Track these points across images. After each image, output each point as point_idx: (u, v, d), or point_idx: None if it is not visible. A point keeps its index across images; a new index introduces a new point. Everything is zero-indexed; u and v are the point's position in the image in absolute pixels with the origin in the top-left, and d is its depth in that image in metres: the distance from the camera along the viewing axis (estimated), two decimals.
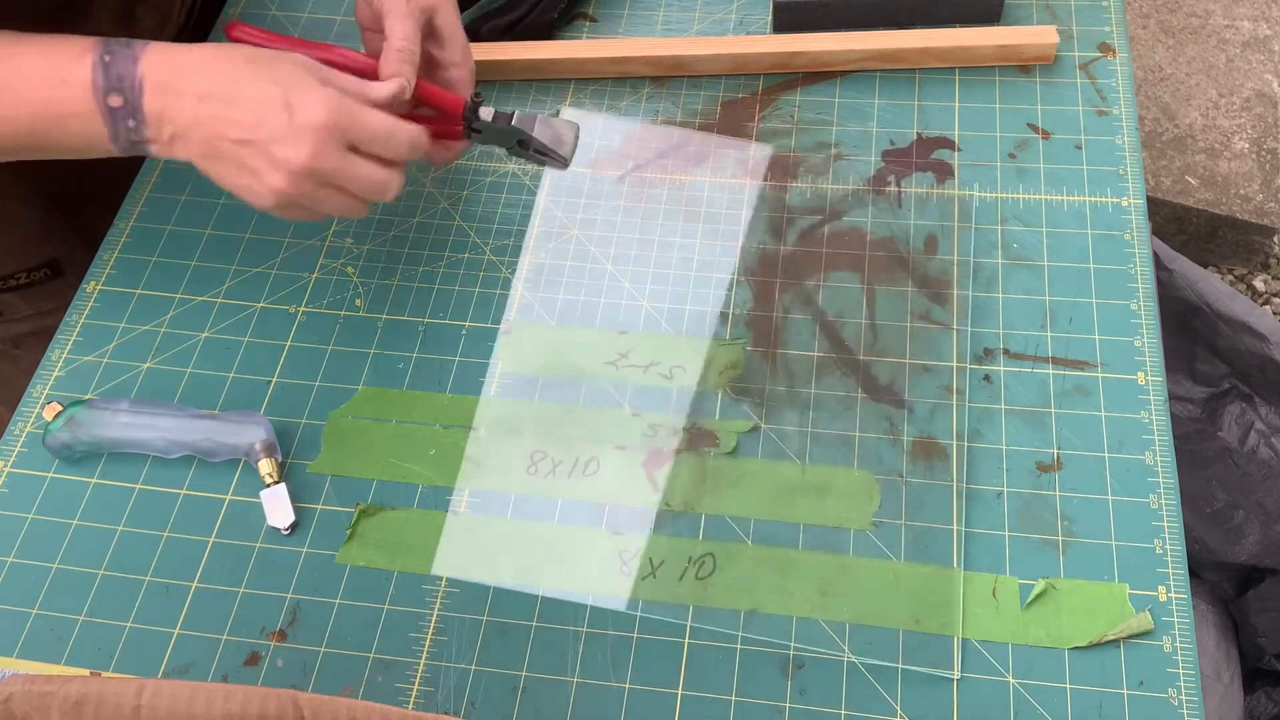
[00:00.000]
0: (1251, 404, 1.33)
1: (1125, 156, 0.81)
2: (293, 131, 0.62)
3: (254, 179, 0.63)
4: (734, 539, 0.68)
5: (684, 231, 0.81)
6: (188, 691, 0.52)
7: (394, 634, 0.66)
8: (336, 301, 0.80)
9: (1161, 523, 0.66)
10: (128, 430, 0.72)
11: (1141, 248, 0.77)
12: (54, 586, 0.69)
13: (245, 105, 0.62)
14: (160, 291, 0.81)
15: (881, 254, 0.78)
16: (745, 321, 0.76)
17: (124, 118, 0.62)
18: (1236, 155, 1.69)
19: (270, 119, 0.62)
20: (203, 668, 0.66)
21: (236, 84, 0.62)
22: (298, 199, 0.64)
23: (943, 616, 0.64)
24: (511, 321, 0.78)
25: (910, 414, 0.71)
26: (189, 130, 0.63)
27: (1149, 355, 0.72)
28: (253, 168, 0.63)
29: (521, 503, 0.70)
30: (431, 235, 0.82)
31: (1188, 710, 0.60)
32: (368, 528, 0.70)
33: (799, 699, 0.62)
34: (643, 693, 0.63)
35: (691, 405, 0.73)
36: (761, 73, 0.88)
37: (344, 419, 0.74)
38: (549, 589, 0.67)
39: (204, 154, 0.64)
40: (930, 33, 0.87)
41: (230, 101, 0.62)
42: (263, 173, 0.63)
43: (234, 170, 0.64)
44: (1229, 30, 1.80)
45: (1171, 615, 0.63)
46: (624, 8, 0.94)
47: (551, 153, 0.74)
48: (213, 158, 0.64)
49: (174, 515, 0.71)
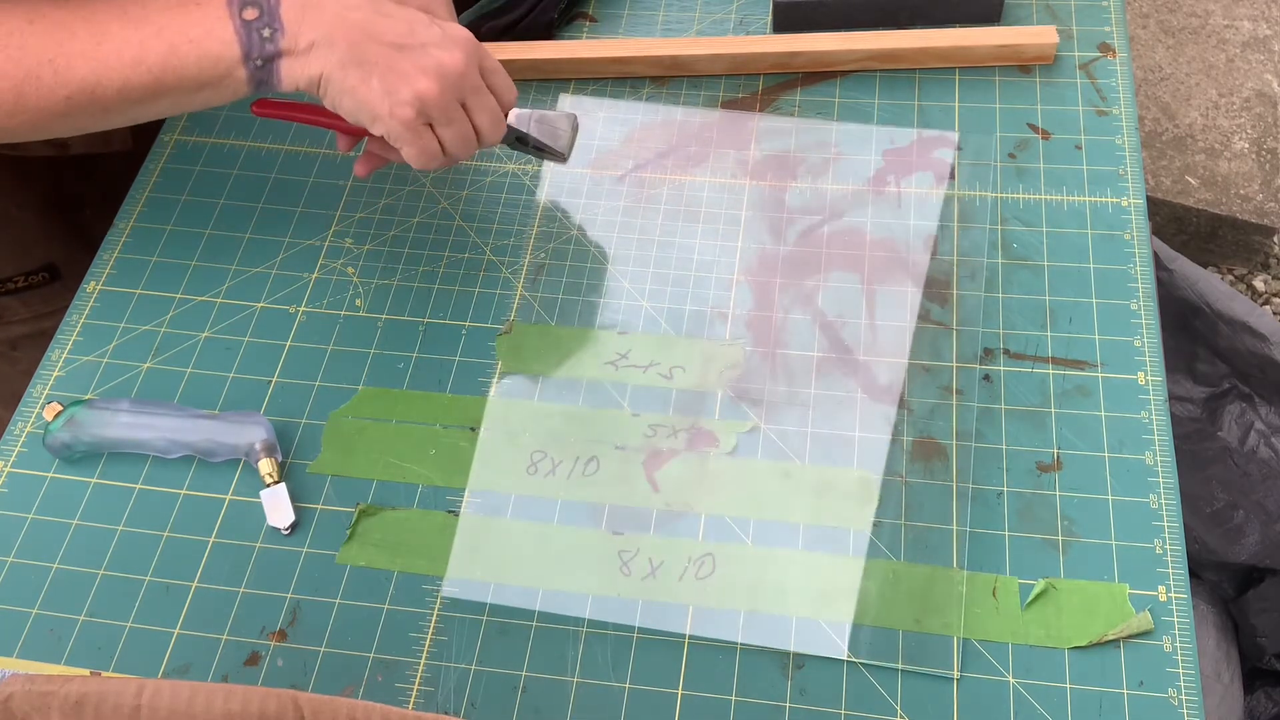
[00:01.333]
0: (1251, 404, 1.33)
1: (1125, 156, 0.81)
2: (447, 39, 0.66)
3: (401, 83, 0.65)
4: (734, 539, 0.68)
5: (684, 231, 0.81)
6: (188, 691, 0.52)
7: (394, 634, 0.66)
8: (336, 301, 0.80)
9: (1161, 523, 0.66)
10: (128, 430, 0.72)
11: (1141, 248, 0.77)
12: (54, 586, 0.69)
13: (397, 17, 0.65)
14: (160, 291, 0.81)
15: (881, 254, 0.78)
16: (745, 321, 0.76)
17: (259, 28, 0.64)
18: (1236, 155, 1.69)
19: (423, 29, 0.66)
20: (203, 668, 0.66)
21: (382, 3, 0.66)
22: (436, 110, 0.66)
23: (943, 616, 0.64)
24: (511, 321, 0.78)
25: (910, 414, 0.71)
26: (333, 35, 0.64)
27: (1149, 355, 0.72)
28: (402, 70, 0.64)
29: (521, 503, 0.70)
30: (431, 235, 0.82)
31: (1188, 710, 0.60)
32: (368, 528, 0.70)
33: (799, 699, 0.62)
34: (643, 693, 0.63)
35: (691, 405, 0.73)
36: (761, 73, 0.88)
37: (344, 419, 0.74)
38: (549, 589, 0.67)
39: (349, 59, 0.64)
40: (930, 33, 0.87)
41: (380, 14, 0.65)
42: (412, 76, 0.65)
43: (380, 74, 0.64)
44: (1229, 30, 1.80)
45: (1171, 615, 0.63)
46: (624, 8, 0.94)
47: (549, 148, 0.74)
48: (358, 63, 0.64)
49: (174, 515, 0.71)
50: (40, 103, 0.65)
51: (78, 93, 0.65)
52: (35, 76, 0.64)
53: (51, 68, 0.64)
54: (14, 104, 0.64)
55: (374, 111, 0.65)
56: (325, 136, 0.88)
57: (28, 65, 0.64)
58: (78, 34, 0.64)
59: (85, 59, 0.64)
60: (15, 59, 0.64)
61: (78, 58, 0.64)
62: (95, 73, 0.64)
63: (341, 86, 0.65)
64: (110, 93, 0.65)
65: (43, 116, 0.65)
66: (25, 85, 0.64)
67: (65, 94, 0.65)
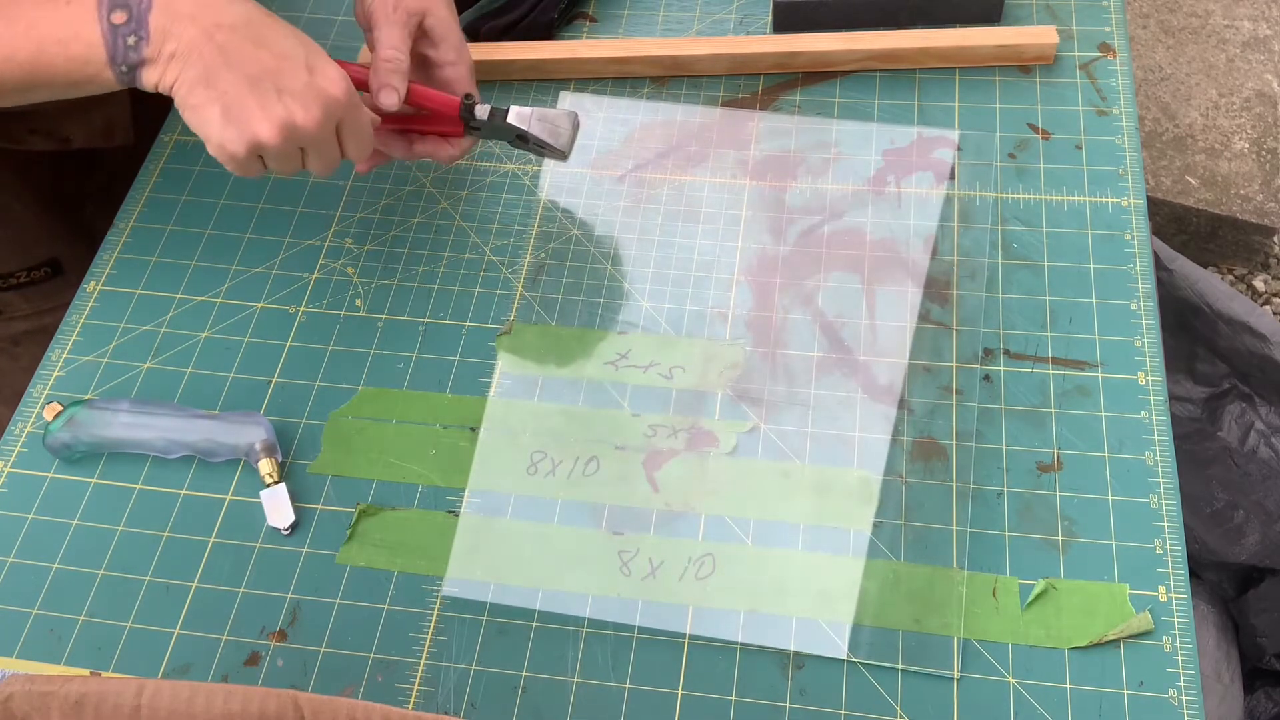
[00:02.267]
0: (1251, 404, 1.33)
1: (1125, 156, 0.81)
2: (309, 92, 0.63)
3: (243, 120, 0.62)
4: (734, 539, 0.68)
5: (684, 231, 0.81)
6: (188, 691, 0.52)
7: (394, 634, 0.66)
8: (336, 301, 0.80)
9: (1161, 523, 0.66)
10: (128, 430, 0.72)
11: (1141, 248, 0.77)
12: (54, 586, 0.69)
13: (269, 49, 0.62)
14: (160, 291, 0.81)
15: (881, 254, 0.78)
16: (745, 321, 0.76)
17: (125, 34, 0.62)
18: (1236, 155, 1.69)
19: (289, 71, 0.62)
20: (203, 668, 0.66)
21: (262, 26, 0.63)
22: (269, 153, 0.64)
23: (943, 616, 0.64)
24: (511, 321, 0.78)
25: (910, 414, 0.71)
26: (193, 50, 0.62)
27: (1149, 355, 0.72)
28: (246, 108, 0.62)
29: (521, 503, 0.70)
30: (431, 235, 0.82)
31: (1188, 710, 0.60)
32: (368, 528, 0.70)
33: (799, 699, 0.62)
34: (643, 693, 0.63)
35: (691, 405, 0.73)
36: (761, 73, 0.88)
37: (344, 419, 0.74)
38: (549, 589, 0.67)
39: (199, 79, 0.62)
40: (930, 33, 0.87)
41: (254, 40, 0.62)
42: (255, 117, 0.62)
43: (225, 104, 0.62)
44: (1229, 30, 1.80)
45: (1171, 615, 0.63)
46: (624, 8, 0.94)
47: (549, 146, 0.74)
48: (206, 85, 0.62)
49: (174, 515, 0.71)
50: None
51: None
52: None
53: None
54: None
55: (207, 136, 0.63)
56: None
57: None
58: None
59: None
60: None
61: None
62: None
63: (185, 103, 0.63)
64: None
65: None
66: None
67: None
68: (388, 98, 0.69)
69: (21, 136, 0.86)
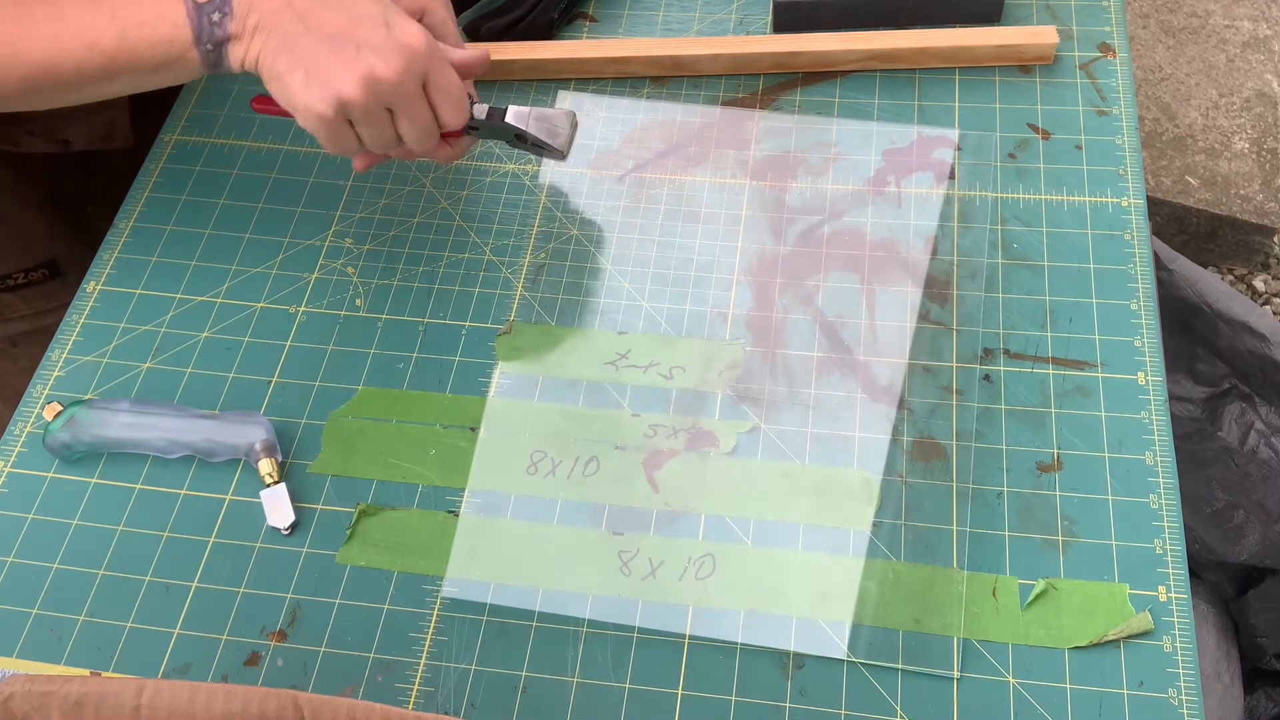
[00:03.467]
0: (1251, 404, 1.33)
1: (1125, 156, 0.81)
2: (388, 44, 0.63)
3: (325, 79, 0.63)
4: (734, 539, 0.68)
5: (684, 231, 0.81)
6: (188, 691, 0.52)
7: (394, 634, 0.66)
8: (336, 301, 0.80)
9: (1161, 523, 0.66)
10: (128, 430, 0.72)
11: (1141, 248, 0.77)
12: (54, 586, 0.69)
13: (345, 11, 0.63)
14: (160, 291, 0.81)
15: (881, 254, 0.78)
16: (745, 321, 0.76)
17: (210, 12, 0.63)
18: (1236, 155, 1.69)
19: (367, 27, 0.63)
20: (203, 668, 0.66)
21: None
22: (357, 112, 0.64)
23: (943, 616, 0.64)
24: (511, 321, 0.78)
25: (910, 414, 0.71)
26: (275, 17, 0.63)
27: (1149, 355, 0.72)
28: (329, 67, 0.63)
29: (521, 503, 0.70)
30: (431, 235, 0.82)
31: (1188, 710, 0.60)
32: (368, 528, 0.70)
33: (799, 699, 0.62)
34: (643, 693, 0.63)
35: (691, 405, 0.73)
36: (761, 73, 0.88)
37: (344, 419, 0.74)
38: (549, 589, 0.67)
39: (280, 46, 0.63)
40: (930, 33, 0.87)
41: (329, 4, 0.63)
42: (337, 75, 0.63)
43: (307, 67, 0.63)
44: (1229, 30, 1.80)
45: (1171, 615, 0.63)
46: (624, 8, 0.94)
47: (547, 146, 0.74)
48: (288, 50, 0.63)
49: (174, 515, 0.71)
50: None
51: (35, 74, 0.65)
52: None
53: (10, 49, 0.65)
54: None
55: (294, 102, 0.64)
56: None
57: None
58: (35, 16, 0.65)
59: (40, 41, 0.65)
60: None
61: (34, 40, 0.65)
62: (50, 55, 0.65)
63: (270, 72, 0.64)
64: (67, 74, 0.65)
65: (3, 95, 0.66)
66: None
67: (22, 74, 0.65)
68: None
69: (20, 139, 0.86)
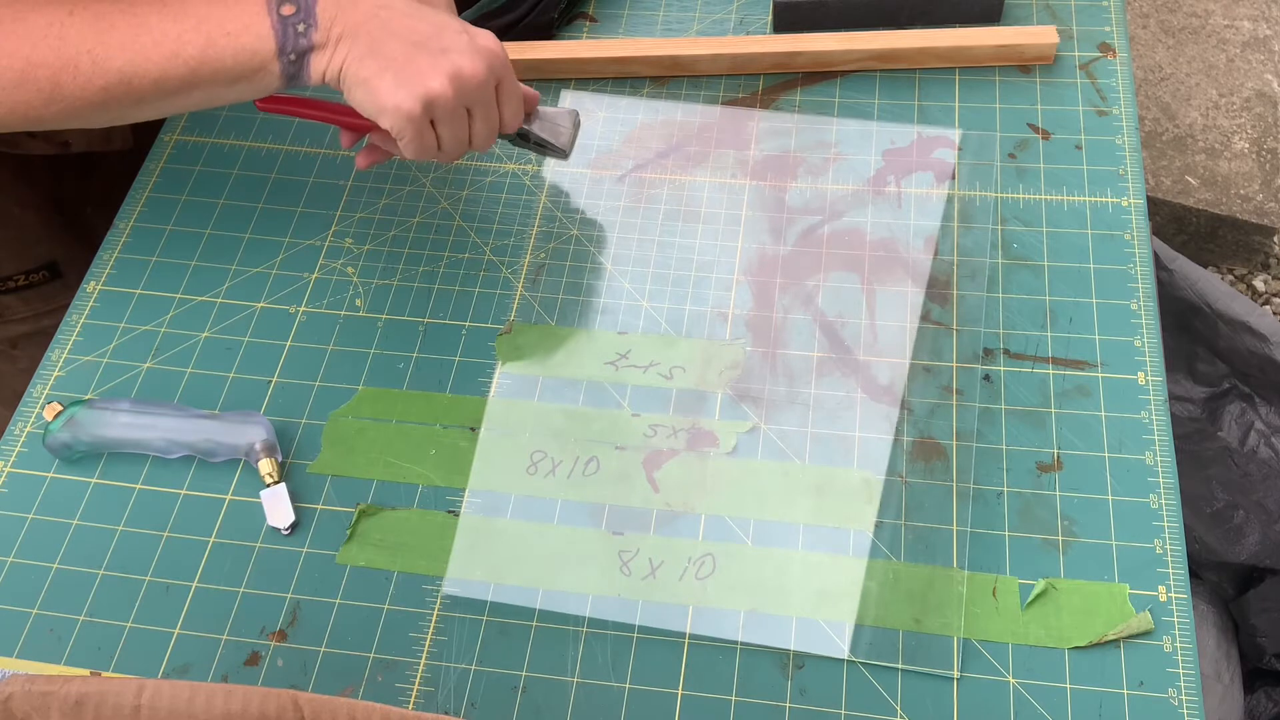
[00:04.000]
0: (1251, 404, 1.33)
1: (1125, 156, 0.81)
2: (471, 47, 0.67)
3: (415, 78, 0.65)
4: (734, 539, 0.68)
5: (684, 231, 0.81)
6: (188, 691, 0.52)
7: (394, 634, 0.66)
8: (336, 301, 0.80)
9: (1161, 523, 0.66)
10: (128, 430, 0.72)
11: (1141, 248, 0.77)
12: (54, 586, 0.69)
13: (427, 19, 0.66)
14: (160, 291, 0.81)
15: (881, 254, 0.78)
16: (745, 321, 0.76)
17: (295, 23, 0.65)
18: (1236, 155, 1.69)
19: (450, 33, 0.66)
20: (203, 668, 0.66)
21: (416, 4, 0.67)
22: (442, 110, 0.67)
23: (943, 616, 0.64)
24: (511, 321, 0.78)
25: (910, 414, 0.71)
26: (360, 26, 0.65)
27: (1149, 355, 0.72)
28: (418, 67, 0.65)
29: (521, 503, 0.70)
30: (431, 235, 0.82)
31: (1188, 710, 0.60)
32: (368, 528, 0.70)
33: (799, 699, 0.62)
34: (643, 693, 0.63)
35: (691, 405, 0.73)
36: (761, 73, 0.88)
37: (344, 419, 0.74)
38: (549, 589, 0.67)
39: (368, 51, 0.65)
40: (930, 33, 0.87)
41: (410, 15, 0.66)
42: (426, 74, 0.65)
43: (396, 69, 0.65)
44: (1229, 30, 1.80)
45: (1171, 615, 0.63)
46: (624, 8, 0.94)
47: (550, 145, 0.74)
48: (375, 55, 0.65)
49: (174, 515, 0.71)
50: (77, 92, 0.65)
51: (114, 84, 0.65)
52: (73, 66, 0.64)
53: (90, 58, 0.65)
54: (50, 93, 0.65)
55: (382, 103, 0.66)
56: (326, 136, 0.88)
57: (66, 55, 0.64)
58: (117, 25, 0.65)
59: (123, 50, 0.65)
60: (55, 49, 0.64)
61: (116, 49, 0.65)
62: (132, 64, 0.65)
63: (357, 78, 0.65)
64: (146, 84, 0.66)
65: (78, 106, 0.66)
66: (62, 75, 0.64)
67: (102, 84, 0.65)
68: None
69: (21, 140, 0.86)
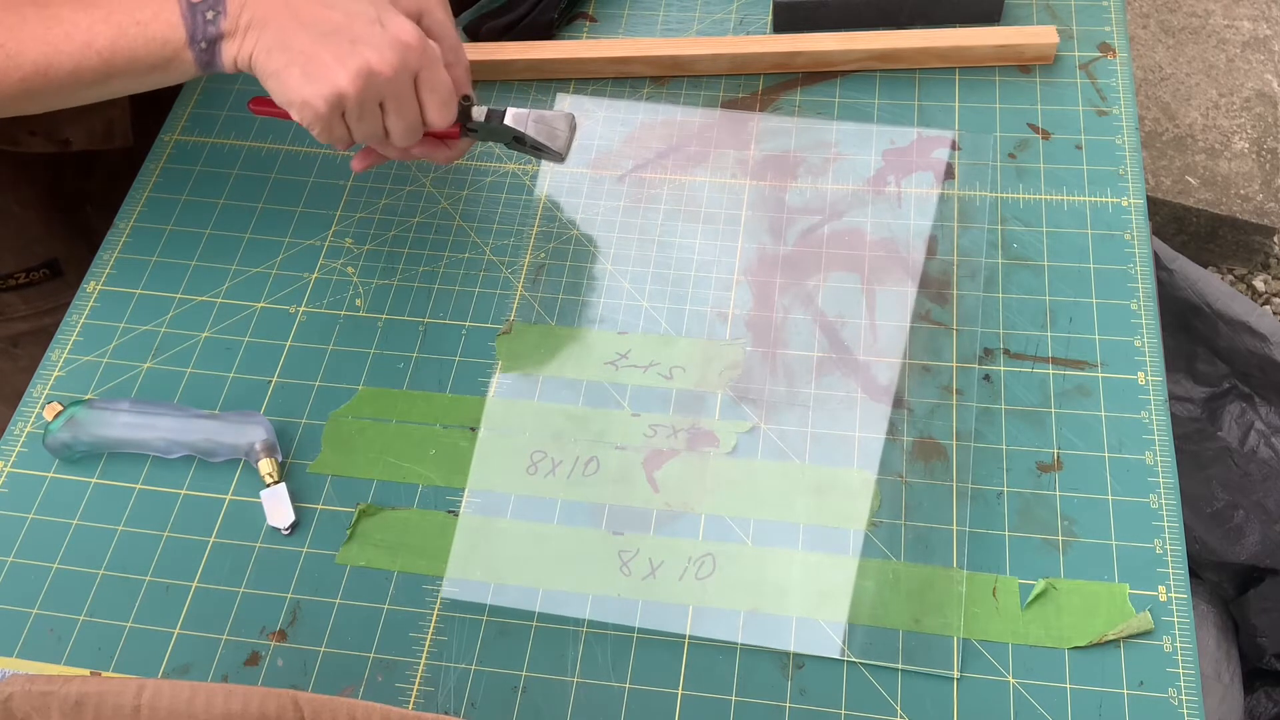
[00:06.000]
0: (1251, 404, 1.33)
1: (1125, 156, 0.81)
2: (383, 39, 0.64)
3: (321, 73, 0.64)
4: (734, 539, 0.68)
5: (684, 231, 0.81)
6: (188, 691, 0.52)
7: (394, 634, 0.66)
8: (336, 301, 0.80)
9: (1161, 523, 0.66)
10: (128, 430, 0.72)
11: (1141, 248, 0.77)
12: (54, 586, 0.69)
13: (339, 7, 0.64)
14: (160, 291, 0.81)
15: (881, 254, 0.78)
16: (745, 321, 0.76)
17: (204, 10, 0.64)
18: (1236, 155, 1.69)
19: (361, 23, 0.64)
20: (203, 668, 0.66)
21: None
22: (351, 105, 0.65)
23: (943, 616, 0.64)
24: (511, 321, 0.78)
25: (910, 414, 0.71)
26: (269, 15, 0.64)
27: (1149, 355, 0.72)
28: (324, 62, 0.63)
29: (521, 503, 0.70)
30: (431, 235, 0.82)
31: (1188, 710, 0.60)
32: (368, 528, 0.70)
33: (799, 699, 0.62)
34: (643, 693, 0.63)
35: (691, 405, 0.73)
36: (761, 73, 0.88)
37: (344, 419, 0.74)
38: (549, 589, 0.67)
39: (275, 43, 0.64)
40: (930, 33, 0.87)
41: (323, 2, 0.64)
42: (332, 69, 0.63)
43: (303, 63, 0.64)
44: (1229, 30, 1.80)
45: (1171, 615, 0.63)
46: (624, 8, 0.94)
47: (546, 148, 0.74)
48: (283, 48, 0.64)
49: (174, 515, 0.71)
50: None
51: (31, 75, 0.66)
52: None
53: (3, 52, 0.65)
54: None
55: (290, 98, 0.65)
56: None
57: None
58: (28, 19, 0.65)
59: (36, 43, 0.65)
60: None
61: (29, 42, 0.65)
62: (46, 57, 0.65)
63: (266, 70, 0.65)
64: (63, 75, 0.66)
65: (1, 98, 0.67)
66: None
67: (19, 76, 0.66)
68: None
69: (21, 138, 0.86)
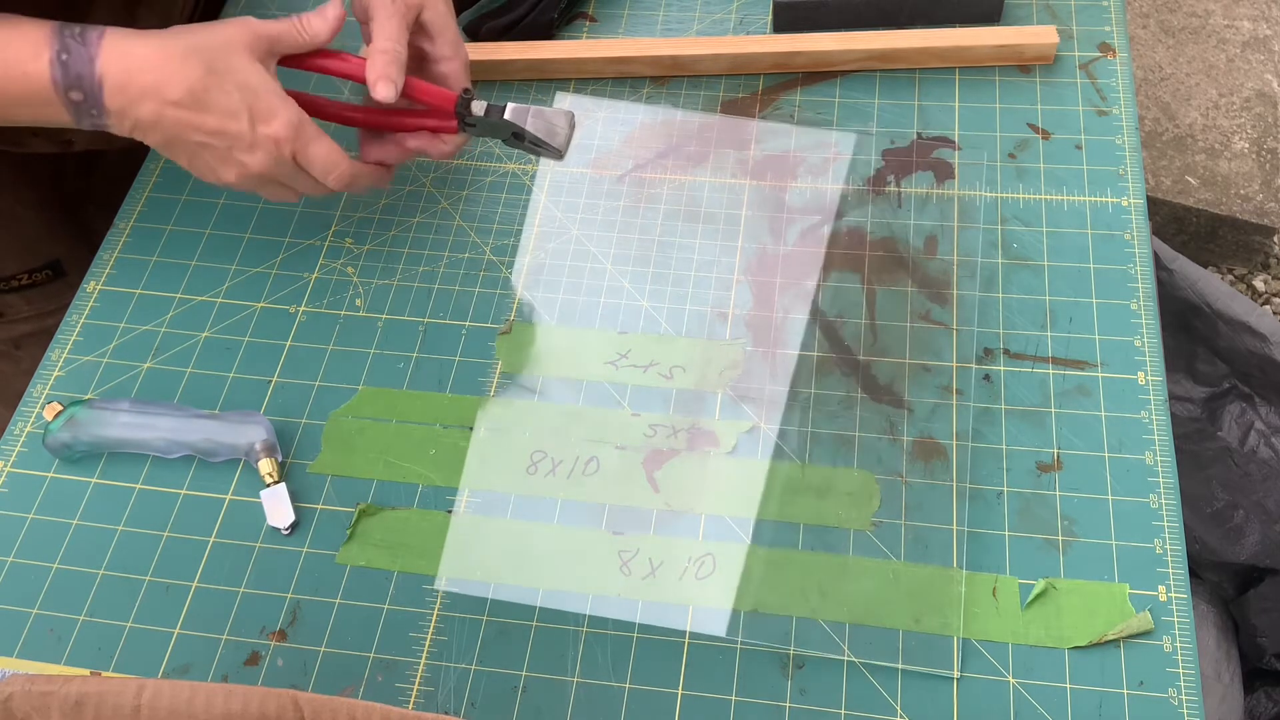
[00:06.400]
0: (1251, 404, 1.33)
1: (1125, 156, 0.81)
2: (254, 140, 0.68)
3: (211, 173, 0.70)
4: (734, 539, 0.68)
5: (684, 231, 0.81)
6: (188, 691, 0.52)
7: (394, 634, 0.66)
8: (336, 301, 0.80)
9: (1161, 523, 0.66)
10: (128, 430, 0.72)
11: (1141, 248, 0.77)
12: (54, 586, 0.69)
13: (213, 113, 0.67)
14: (160, 291, 0.81)
15: (881, 254, 0.78)
16: (745, 321, 0.76)
17: (86, 110, 0.66)
18: (1236, 155, 1.69)
19: (234, 129, 0.67)
20: (203, 668, 0.66)
21: (205, 94, 0.66)
22: (251, 189, 0.72)
23: (943, 616, 0.64)
24: (511, 321, 0.78)
25: (910, 414, 0.71)
26: (152, 126, 0.67)
27: (1149, 355, 0.72)
28: (209, 164, 0.70)
29: (521, 503, 0.70)
30: (431, 235, 0.82)
31: (1188, 710, 0.60)
32: (368, 528, 0.70)
33: (799, 699, 0.62)
34: (643, 693, 0.63)
35: (691, 405, 0.73)
36: (761, 73, 0.88)
37: (344, 419, 0.74)
38: (549, 589, 0.67)
39: (165, 144, 0.69)
40: (930, 33, 0.87)
41: (198, 108, 0.67)
42: (219, 171, 0.70)
43: (192, 164, 0.70)
44: (1229, 30, 1.80)
45: (1171, 615, 0.63)
46: (624, 8, 0.94)
47: (545, 145, 0.74)
48: (174, 148, 0.69)
49: (174, 515, 0.71)
50: None
51: None
52: None
53: None
54: None
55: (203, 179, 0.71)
56: None
57: None
58: None
59: None
60: None
61: None
62: None
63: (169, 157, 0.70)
64: None
65: None
66: None
67: None
68: (384, 89, 0.70)
69: (23, 139, 0.86)
